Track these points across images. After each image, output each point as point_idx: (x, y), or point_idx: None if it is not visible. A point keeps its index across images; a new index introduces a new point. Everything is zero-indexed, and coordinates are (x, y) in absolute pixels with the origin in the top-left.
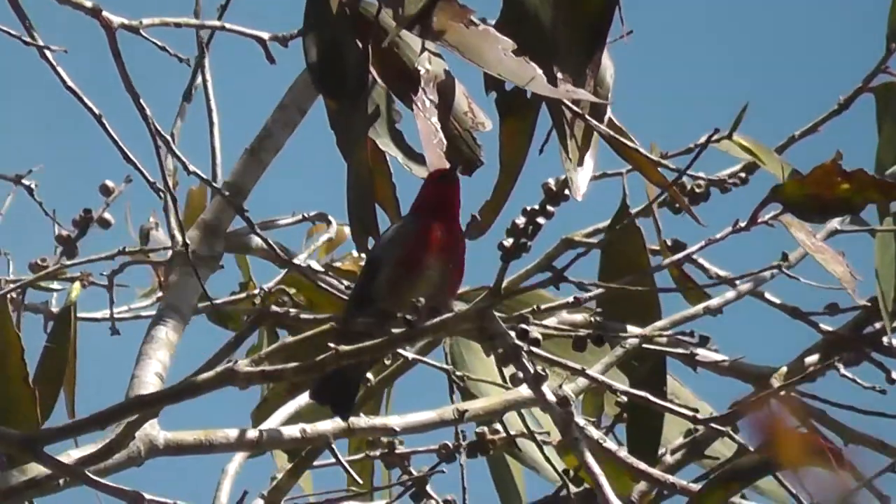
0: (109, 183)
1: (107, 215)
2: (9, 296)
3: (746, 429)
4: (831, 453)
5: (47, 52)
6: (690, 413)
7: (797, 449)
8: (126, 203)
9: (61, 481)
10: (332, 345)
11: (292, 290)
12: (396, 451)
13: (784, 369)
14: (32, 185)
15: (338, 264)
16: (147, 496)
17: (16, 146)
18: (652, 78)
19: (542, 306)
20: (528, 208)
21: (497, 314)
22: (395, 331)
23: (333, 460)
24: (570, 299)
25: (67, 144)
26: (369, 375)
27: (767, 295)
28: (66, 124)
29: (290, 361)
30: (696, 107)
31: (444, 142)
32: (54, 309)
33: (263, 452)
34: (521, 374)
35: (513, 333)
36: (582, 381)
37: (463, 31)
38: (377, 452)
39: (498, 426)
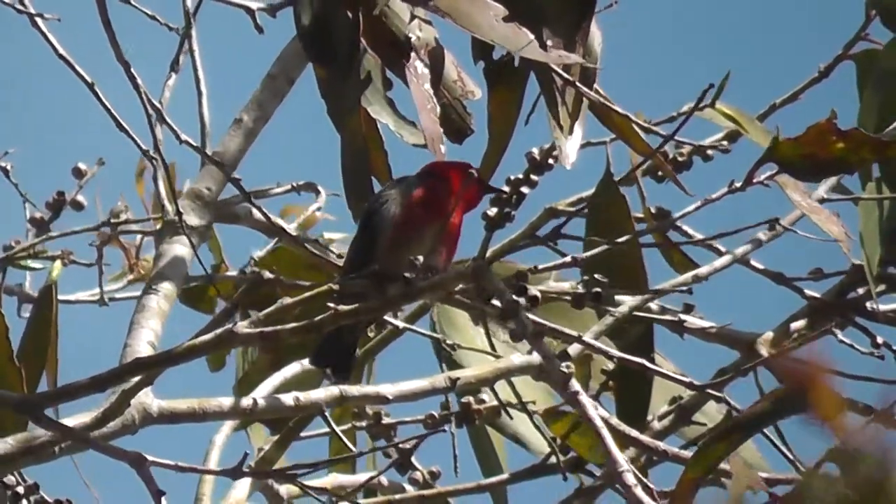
0: (82, 165)
1: (80, 198)
2: None
3: (778, 373)
4: None
5: (39, 21)
6: (686, 379)
7: (831, 394)
8: (97, 187)
9: (57, 449)
10: (330, 305)
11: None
12: (382, 422)
13: (769, 335)
14: (8, 167)
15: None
16: (149, 458)
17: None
18: (634, 47)
19: (540, 266)
20: (512, 178)
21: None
22: (392, 291)
23: (320, 431)
24: (568, 258)
25: (41, 126)
26: None
27: (753, 261)
28: (40, 106)
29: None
30: (679, 75)
31: (438, 108)
32: (29, 291)
33: (255, 421)
34: (519, 330)
35: (510, 291)
36: (572, 350)
37: None
38: (363, 423)
39: (483, 396)
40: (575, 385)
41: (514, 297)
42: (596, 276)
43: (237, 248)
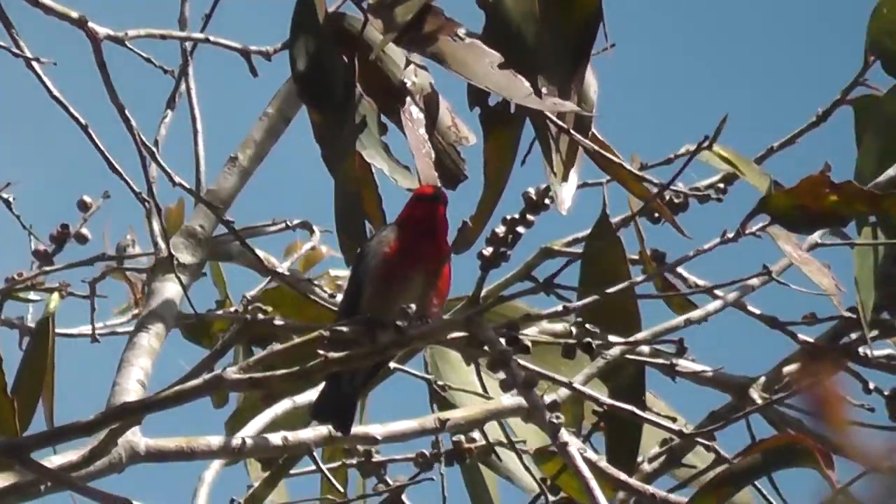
0: (87, 198)
1: (84, 231)
2: None
3: (803, 401)
4: None
5: (34, 64)
6: (676, 427)
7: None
8: (106, 221)
9: (43, 487)
10: (321, 351)
11: (269, 308)
12: (373, 460)
13: (762, 379)
14: (10, 199)
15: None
16: (135, 502)
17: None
18: (633, 90)
19: (534, 314)
20: (508, 217)
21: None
22: (383, 338)
23: (310, 468)
24: (559, 308)
25: (46, 158)
26: None
27: (748, 306)
28: (45, 138)
29: (277, 369)
30: (677, 118)
31: (433, 153)
32: (30, 324)
33: (242, 460)
34: (509, 380)
35: (502, 340)
36: (562, 392)
37: (450, 44)
38: (354, 461)
39: (474, 435)
40: (564, 436)
41: (505, 346)
42: (587, 325)
43: (240, 283)
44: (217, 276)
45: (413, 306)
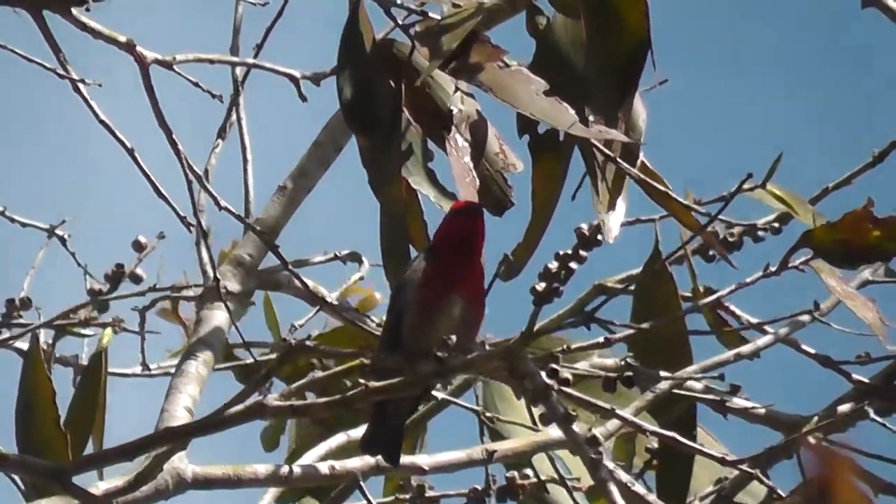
0: (142, 239)
1: (139, 271)
2: (41, 346)
3: (807, 464)
4: None
5: (81, 86)
6: (719, 455)
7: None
8: (159, 259)
9: None
10: (361, 380)
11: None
12: (427, 495)
13: (815, 419)
14: (66, 236)
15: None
16: None
17: (49, 193)
18: (687, 124)
19: (573, 346)
20: (561, 253)
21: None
22: (424, 368)
23: (363, 503)
24: (601, 339)
25: (102, 194)
26: None
27: (802, 344)
28: (99, 173)
29: (318, 397)
30: (731, 155)
31: (478, 181)
32: (84, 363)
33: (291, 487)
34: (550, 414)
35: (543, 373)
36: (612, 425)
37: (496, 72)
38: (407, 496)
39: (527, 471)
40: (603, 472)
41: (546, 379)
42: (628, 359)
43: (290, 314)
44: (269, 314)
45: (454, 337)
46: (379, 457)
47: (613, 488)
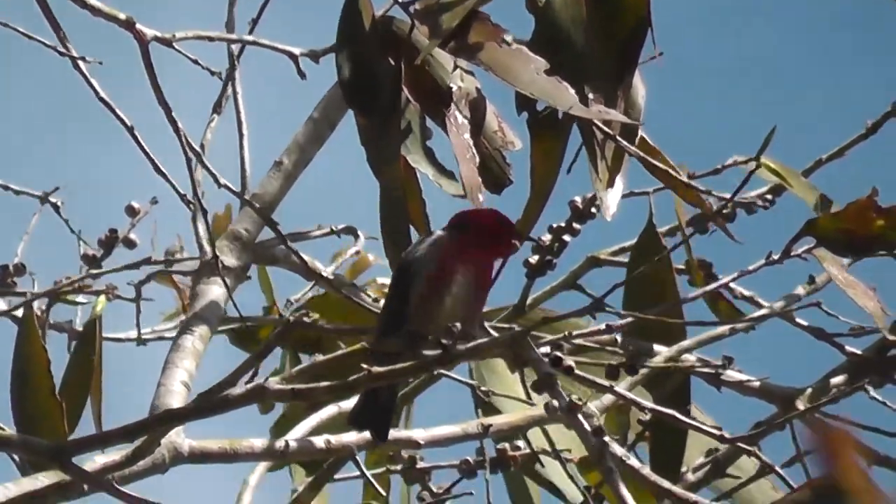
0: (135, 204)
1: (132, 236)
2: (34, 311)
3: (812, 447)
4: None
5: (81, 64)
6: (717, 432)
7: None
8: (152, 224)
9: (86, 486)
10: (365, 366)
11: (316, 315)
12: (417, 466)
13: (809, 391)
14: (59, 203)
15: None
16: None
17: (42, 162)
18: (682, 98)
19: (574, 332)
20: (554, 226)
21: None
22: (428, 353)
23: (354, 474)
24: (602, 326)
25: (94, 162)
26: None
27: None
28: (94, 141)
29: (320, 380)
30: (725, 128)
31: (477, 158)
32: (78, 328)
33: (287, 463)
34: (555, 403)
35: (546, 361)
36: (606, 399)
37: (496, 50)
38: (398, 467)
39: (519, 442)
40: (609, 460)
41: (550, 368)
42: (630, 346)
43: (286, 288)
44: (263, 280)
45: (458, 325)
46: (375, 440)
47: (618, 479)
